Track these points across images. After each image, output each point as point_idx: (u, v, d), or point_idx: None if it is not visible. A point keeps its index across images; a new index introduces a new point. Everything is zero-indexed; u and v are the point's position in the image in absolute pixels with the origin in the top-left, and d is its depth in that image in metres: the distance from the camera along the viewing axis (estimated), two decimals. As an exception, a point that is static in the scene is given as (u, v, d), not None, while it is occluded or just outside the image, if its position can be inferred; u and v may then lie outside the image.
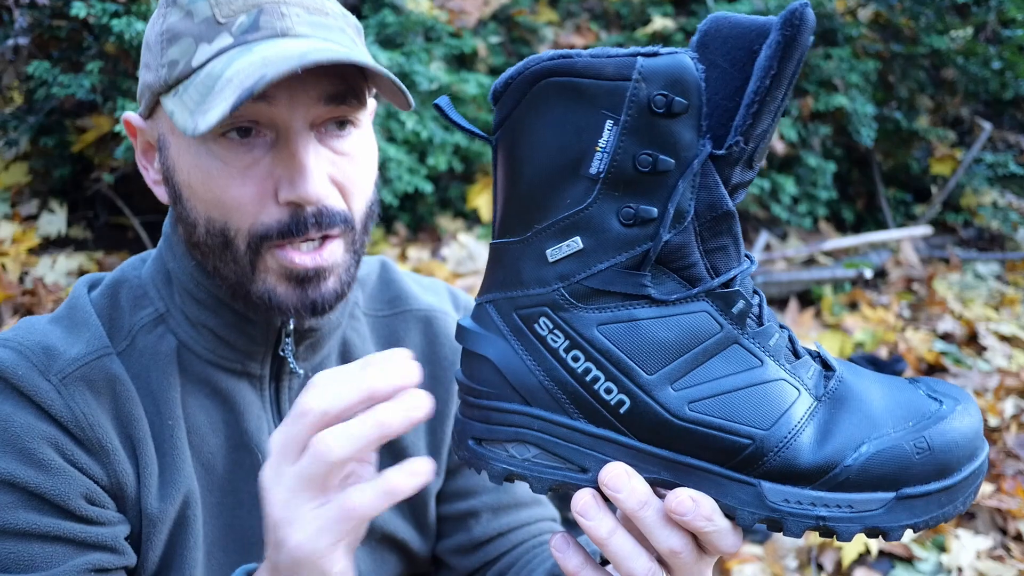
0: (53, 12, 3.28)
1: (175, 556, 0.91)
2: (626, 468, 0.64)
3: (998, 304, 4.52)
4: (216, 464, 0.95)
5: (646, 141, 0.58)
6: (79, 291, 0.97)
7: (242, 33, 0.83)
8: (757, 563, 2.57)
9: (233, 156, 0.84)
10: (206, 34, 0.83)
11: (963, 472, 0.63)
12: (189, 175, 0.86)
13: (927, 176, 5.37)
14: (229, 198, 0.84)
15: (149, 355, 0.93)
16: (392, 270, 1.14)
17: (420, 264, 3.95)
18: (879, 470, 0.61)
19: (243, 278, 0.88)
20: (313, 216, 0.85)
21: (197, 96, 0.81)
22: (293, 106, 0.83)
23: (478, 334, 0.65)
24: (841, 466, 0.61)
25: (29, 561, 0.82)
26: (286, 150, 0.84)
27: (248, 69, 0.79)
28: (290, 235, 0.85)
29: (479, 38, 4.44)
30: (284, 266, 0.86)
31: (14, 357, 0.88)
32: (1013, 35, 5.07)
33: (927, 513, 0.62)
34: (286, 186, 0.84)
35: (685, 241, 0.61)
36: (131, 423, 0.90)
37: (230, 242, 0.86)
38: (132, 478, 0.90)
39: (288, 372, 0.98)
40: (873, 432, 0.62)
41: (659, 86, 0.57)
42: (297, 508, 0.66)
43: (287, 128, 0.84)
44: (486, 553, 1.10)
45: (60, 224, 3.63)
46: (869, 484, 0.61)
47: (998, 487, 2.85)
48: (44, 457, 0.85)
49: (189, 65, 0.83)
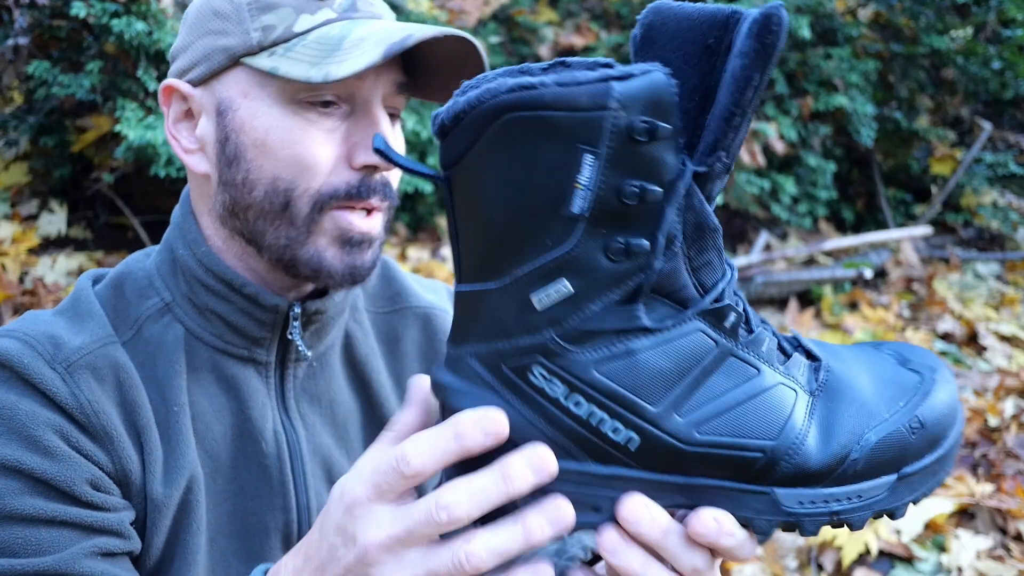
0: (53, 12, 3.28)
1: (178, 542, 0.92)
2: (644, 500, 0.62)
3: (998, 304, 4.52)
4: (220, 451, 0.96)
5: (631, 172, 0.54)
6: (83, 284, 0.99)
7: (344, 11, 0.91)
8: (757, 563, 2.58)
9: (317, 120, 0.90)
10: (307, 7, 0.91)
11: (949, 439, 0.65)
12: (267, 134, 0.90)
13: (927, 176, 5.38)
14: (310, 155, 0.89)
15: (155, 344, 0.95)
16: (393, 268, 1.16)
17: (420, 264, 3.95)
18: (883, 456, 0.62)
19: (294, 241, 0.91)
20: (379, 184, 0.91)
21: (317, 52, 0.88)
22: (377, 84, 0.91)
23: (464, 392, 0.61)
24: (849, 460, 0.61)
25: (36, 545, 0.83)
26: (366, 119, 0.91)
27: (381, 32, 0.87)
28: (356, 198, 0.90)
29: (479, 38, 4.45)
30: (341, 228, 0.91)
31: (19, 346, 0.89)
32: (1013, 35, 5.08)
33: (924, 485, 0.64)
34: (364, 151, 0.90)
35: (675, 266, 0.58)
36: (136, 411, 0.91)
37: (291, 203, 0.90)
38: (137, 465, 0.91)
39: (293, 360, 0.99)
40: (871, 420, 0.63)
41: (639, 112, 0.53)
42: (401, 554, 0.63)
43: (368, 101, 0.91)
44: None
45: (60, 224, 3.64)
46: (874, 471, 0.62)
47: (998, 487, 2.85)
48: (49, 444, 0.86)
49: (291, 30, 0.90)
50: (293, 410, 1.00)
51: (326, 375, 1.03)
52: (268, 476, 0.97)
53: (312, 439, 1.01)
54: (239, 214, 0.93)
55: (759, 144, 4.32)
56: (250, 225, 0.93)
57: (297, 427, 1.00)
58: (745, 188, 4.44)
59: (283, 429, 0.99)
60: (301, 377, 1.01)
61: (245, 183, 0.92)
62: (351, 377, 1.06)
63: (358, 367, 1.06)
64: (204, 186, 0.96)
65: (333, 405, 1.03)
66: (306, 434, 1.00)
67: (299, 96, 0.89)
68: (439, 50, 0.90)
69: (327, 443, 1.02)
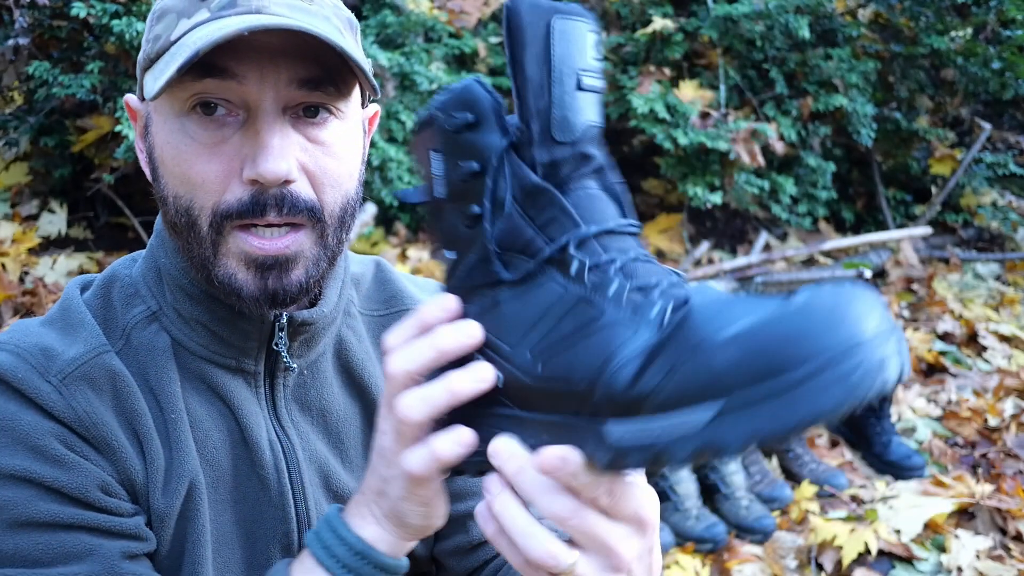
0: (53, 12, 3.28)
1: (183, 552, 0.91)
2: (507, 440, 0.67)
3: (998, 304, 4.52)
4: (221, 459, 0.95)
5: (458, 156, 0.70)
6: (71, 292, 0.97)
7: (219, 9, 0.84)
8: (757, 563, 2.58)
9: (203, 133, 0.85)
10: (187, 10, 0.85)
11: (807, 363, 0.56)
12: (163, 151, 0.87)
13: (927, 176, 5.38)
14: (195, 173, 0.85)
15: (145, 351, 0.93)
16: (388, 270, 1.14)
17: (420, 264, 3.95)
18: (696, 383, 0.59)
19: (207, 261, 0.88)
20: (274, 198, 0.85)
21: (164, 64, 0.83)
22: (263, 86, 0.83)
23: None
24: (657, 388, 0.60)
25: (60, 551, 0.82)
26: (252, 128, 0.84)
27: (208, 34, 0.80)
28: (250, 215, 0.85)
29: (479, 38, 4.44)
30: (245, 250, 0.86)
31: (12, 360, 0.87)
32: (1013, 35, 5.08)
33: (765, 416, 0.57)
34: (249, 163, 0.84)
35: (514, 224, 0.68)
36: (136, 418, 0.90)
37: (194, 221, 0.86)
38: (141, 474, 0.90)
39: (282, 369, 0.98)
40: (699, 349, 0.60)
41: (452, 111, 0.69)
42: (395, 456, 0.73)
43: (256, 107, 0.84)
44: (485, 552, 1.10)
45: (60, 224, 3.64)
46: (692, 399, 0.59)
47: (998, 487, 2.85)
48: (56, 452, 0.84)
49: (168, 39, 0.85)
50: (286, 419, 0.98)
51: (317, 383, 1.01)
52: (267, 486, 0.96)
53: (307, 448, 0.99)
54: (171, 228, 0.91)
55: (759, 144, 4.32)
56: (178, 240, 0.91)
57: (291, 436, 0.98)
58: (745, 188, 4.43)
59: (278, 439, 0.97)
60: (291, 386, 0.99)
61: (162, 199, 0.90)
62: (346, 383, 1.05)
63: (354, 372, 1.05)
64: None
65: (325, 413, 1.02)
66: (301, 443, 0.99)
67: (185, 109, 0.85)
68: (304, 38, 0.82)
69: (322, 451, 1.00)
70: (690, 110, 4.28)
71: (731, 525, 2.75)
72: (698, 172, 4.42)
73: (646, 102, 4.22)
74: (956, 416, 3.38)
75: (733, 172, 4.41)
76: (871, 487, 2.97)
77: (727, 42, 4.57)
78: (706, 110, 4.41)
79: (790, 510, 2.85)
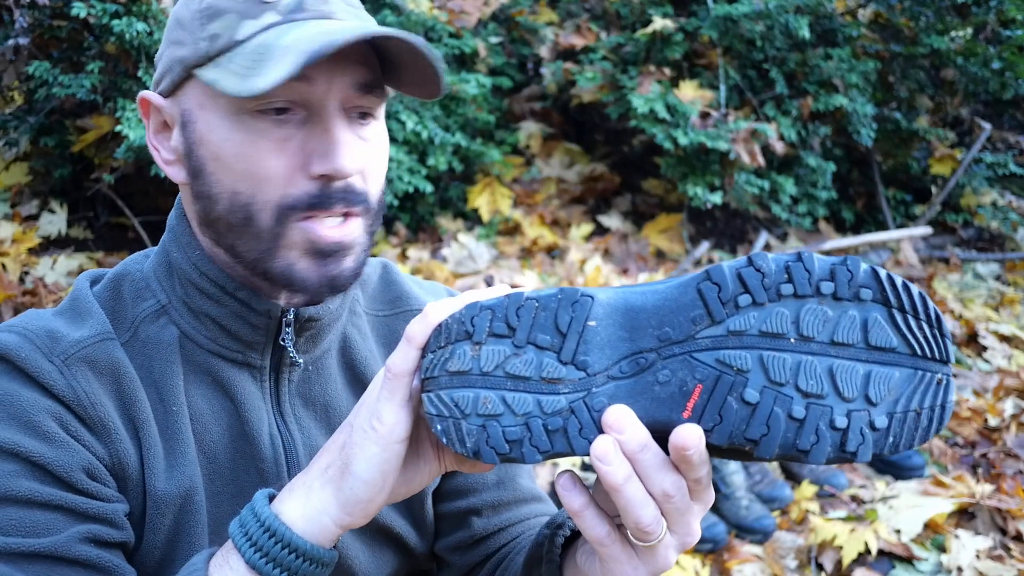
0: (53, 12, 3.28)
1: (180, 542, 0.93)
2: (627, 412, 0.70)
3: (998, 304, 4.52)
4: (218, 453, 0.96)
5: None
6: (81, 284, 0.99)
7: (289, 12, 0.88)
8: (757, 563, 2.58)
9: (268, 130, 0.88)
10: (251, 11, 0.88)
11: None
12: (220, 147, 0.89)
13: (927, 176, 5.38)
14: (262, 169, 0.88)
15: (152, 344, 0.95)
16: (394, 272, 1.16)
17: (420, 264, 3.95)
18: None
19: (263, 254, 0.90)
20: (340, 191, 0.89)
21: (248, 62, 0.85)
22: (331, 87, 0.88)
23: None
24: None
25: (31, 527, 0.84)
26: (320, 126, 0.88)
27: (310, 37, 0.84)
28: (318, 208, 0.89)
29: (479, 38, 4.45)
30: (309, 239, 0.89)
31: (18, 340, 0.90)
32: (1013, 35, 5.08)
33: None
34: (319, 159, 0.88)
35: None
36: (133, 405, 0.92)
37: (253, 216, 0.89)
38: (135, 458, 0.91)
39: (288, 364, 0.99)
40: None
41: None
42: (373, 392, 0.80)
43: (321, 106, 0.88)
44: (487, 547, 1.11)
45: (60, 224, 3.64)
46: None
47: (998, 487, 2.85)
48: (48, 429, 0.87)
49: (233, 38, 0.87)
50: (288, 414, 1.00)
51: (322, 379, 1.03)
52: (265, 479, 0.97)
53: (308, 442, 1.00)
54: (212, 225, 0.93)
55: (759, 144, 4.32)
56: (223, 236, 0.92)
57: (293, 431, 1.00)
58: (745, 188, 4.44)
59: (279, 432, 0.99)
60: (296, 381, 1.01)
61: (210, 196, 0.91)
62: (350, 380, 1.06)
63: (357, 370, 1.06)
64: (187, 194, 0.96)
65: (328, 409, 1.03)
66: (302, 438, 1.00)
67: (248, 106, 0.87)
68: (392, 45, 0.87)
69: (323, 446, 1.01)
70: (690, 110, 4.28)
71: (731, 525, 2.75)
72: (698, 172, 4.42)
73: (646, 102, 4.22)
74: (956, 416, 3.38)
75: (733, 172, 4.41)
76: (871, 487, 2.97)
77: (727, 42, 4.57)
78: (706, 110, 4.41)
79: (790, 510, 2.85)
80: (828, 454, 0.68)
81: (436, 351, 0.73)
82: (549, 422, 0.71)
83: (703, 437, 0.69)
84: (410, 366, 0.75)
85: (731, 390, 0.69)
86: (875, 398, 0.68)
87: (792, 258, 0.69)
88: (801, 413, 0.68)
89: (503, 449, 0.71)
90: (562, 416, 0.71)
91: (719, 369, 0.69)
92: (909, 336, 0.68)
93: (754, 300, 0.68)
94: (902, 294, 0.68)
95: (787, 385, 0.68)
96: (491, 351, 0.72)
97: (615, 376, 0.71)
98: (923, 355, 0.68)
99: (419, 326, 0.74)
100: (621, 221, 4.70)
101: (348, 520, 0.78)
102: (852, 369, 0.68)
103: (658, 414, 0.71)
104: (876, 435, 0.68)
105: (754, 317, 0.68)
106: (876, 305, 0.68)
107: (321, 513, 0.78)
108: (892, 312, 0.68)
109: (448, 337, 0.73)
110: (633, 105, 4.24)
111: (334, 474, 0.78)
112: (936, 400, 0.69)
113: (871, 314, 0.68)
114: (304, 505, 0.78)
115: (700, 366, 0.70)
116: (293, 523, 0.78)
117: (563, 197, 4.76)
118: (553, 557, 0.91)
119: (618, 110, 4.48)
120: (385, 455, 0.76)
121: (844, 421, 0.68)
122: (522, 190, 4.66)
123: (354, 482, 0.76)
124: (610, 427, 0.70)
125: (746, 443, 0.69)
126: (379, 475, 0.76)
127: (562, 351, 0.71)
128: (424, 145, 4.02)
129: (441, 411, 0.72)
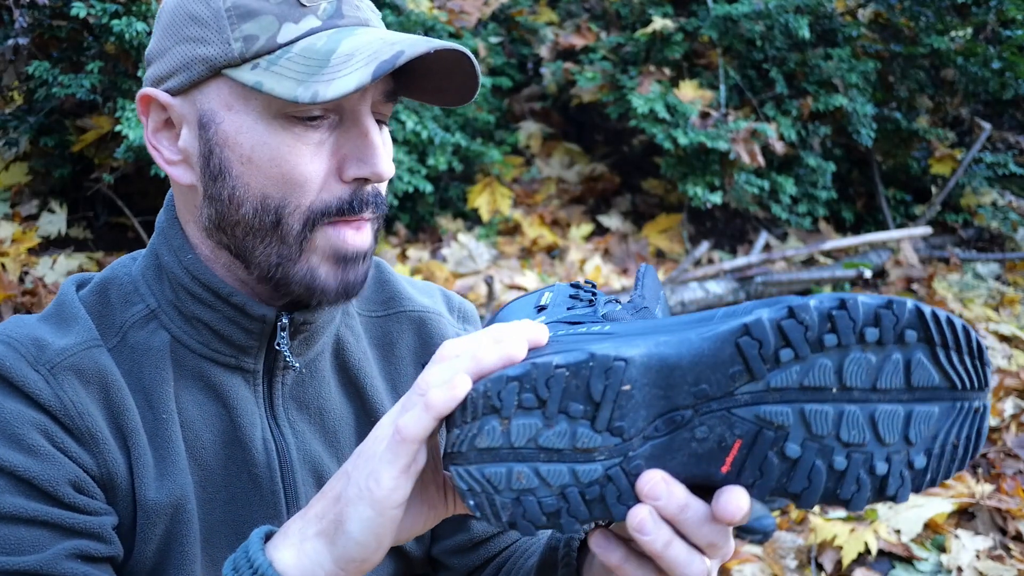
0: (53, 12, 3.28)
1: (172, 551, 0.91)
2: (662, 475, 0.67)
3: (998, 304, 4.52)
4: (209, 459, 0.95)
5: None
6: (66, 289, 0.97)
7: (328, 18, 0.88)
8: (757, 563, 2.58)
9: (304, 134, 0.87)
10: (290, 14, 0.87)
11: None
12: (252, 151, 0.87)
13: (927, 176, 5.38)
14: (299, 174, 0.87)
15: (141, 351, 0.93)
16: (387, 271, 1.14)
17: (420, 264, 3.95)
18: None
19: (285, 259, 0.89)
20: (371, 196, 0.90)
21: (303, 67, 0.84)
22: (365, 95, 0.88)
23: None
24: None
25: (15, 544, 0.83)
26: (355, 130, 0.88)
27: (370, 46, 0.84)
28: (348, 212, 0.89)
29: (479, 38, 4.45)
30: (335, 245, 0.89)
31: (2, 349, 0.88)
32: (1013, 35, 5.08)
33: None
34: (355, 164, 0.88)
35: None
36: (122, 413, 0.90)
37: (282, 220, 0.88)
38: (124, 468, 0.89)
39: (281, 367, 0.98)
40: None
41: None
42: (378, 443, 0.74)
43: (356, 113, 0.88)
44: (487, 550, 1.10)
45: (60, 224, 3.64)
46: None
47: (998, 487, 2.85)
48: (33, 443, 0.85)
49: (274, 41, 0.86)
50: (282, 418, 0.99)
51: (315, 382, 1.01)
52: (259, 484, 0.96)
53: (302, 447, 0.99)
54: (226, 229, 0.91)
55: (759, 144, 4.32)
56: (238, 241, 0.90)
57: (286, 435, 0.98)
58: (745, 188, 4.44)
59: (272, 437, 0.97)
60: (290, 384, 0.99)
61: (232, 199, 0.89)
62: (343, 383, 1.05)
63: (350, 372, 1.05)
64: (189, 196, 0.94)
65: (323, 412, 1.02)
66: (296, 442, 0.99)
67: (285, 110, 0.86)
68: (429, 56, 0.87)
69: (317, 450, 1.00)
70: (690, 110, 4.28)
71: (731, 525, 2.75)
72: (698, 172, 4.42)
73: (646, 102, 4.22)
74: (956, 416, 3.38)
75: (733, 172, 4.42)
76: (871, 487, 2.97)
77: (727, 42, 4.57)
78: (706, 110, 4.41)
79: (790, 510, 2.85)
80: (868, 500, 0.67)
81: (462, 426, 0.68)
82: (587, 492, 0.68)
83: (749, 501, 0.67)
84: (423, 434, 0.69)
85: (772, 445, 0.67)
86: (914, 439, 0.66)
87: (835, 304, 0.65)
88: (843, 464, 0.66)
89: (540, 521, 0.68)
90: (599, 484, 0.68)
91: (759, 424, 0.66)
92: (951, 372, 0.66)
93: (796, 355, 0.65)
94: (946, 330, 0.65)
95: (828, 437, 0.66)
96: (521, 425, 0.67)
97: (650, 436, 0.68)
98: (963, 387, 0.66)
99: (443, 396, 0.67)
100: (621, 221, 4.71)
101: (343, 575, 0.75)
102: (893, 413, 0.66)
103: (696, 470, 0.68)
104: (914, 474, 0.67)
105: (796, 372, 0.65)
106: (920, 344, 0.65)
107: (315, 565, 0.74)
108: (936, 350, 0.65)
109: (475, 412, 0.67)
110: (633, 105, 4.24)
111: (327, 527, 0.74)
112: (972, 429, 0.67)
113: (915, 355, 0.65)
114: (298, 554, 0.75)
115: (739, 422, 0.67)
116: (285, 572, 0.74)
117: (563, 197, 4.76)
118: (570, 561, 0.91)
119: (618, 110, 4.48)
120: (380, 520, 0.71)
121: (884, 467, 0.66)
122: (522, 190, 4.67)
123: (347, 541, 0.73)
124: (646, 496, 0.67)
125: (787, 497, 0.68)
126: (373, 538, 0.72)
127: (596, 420, 0.67)
128: (424, 145, 4.02)
129: (473, 487, 0.68)
